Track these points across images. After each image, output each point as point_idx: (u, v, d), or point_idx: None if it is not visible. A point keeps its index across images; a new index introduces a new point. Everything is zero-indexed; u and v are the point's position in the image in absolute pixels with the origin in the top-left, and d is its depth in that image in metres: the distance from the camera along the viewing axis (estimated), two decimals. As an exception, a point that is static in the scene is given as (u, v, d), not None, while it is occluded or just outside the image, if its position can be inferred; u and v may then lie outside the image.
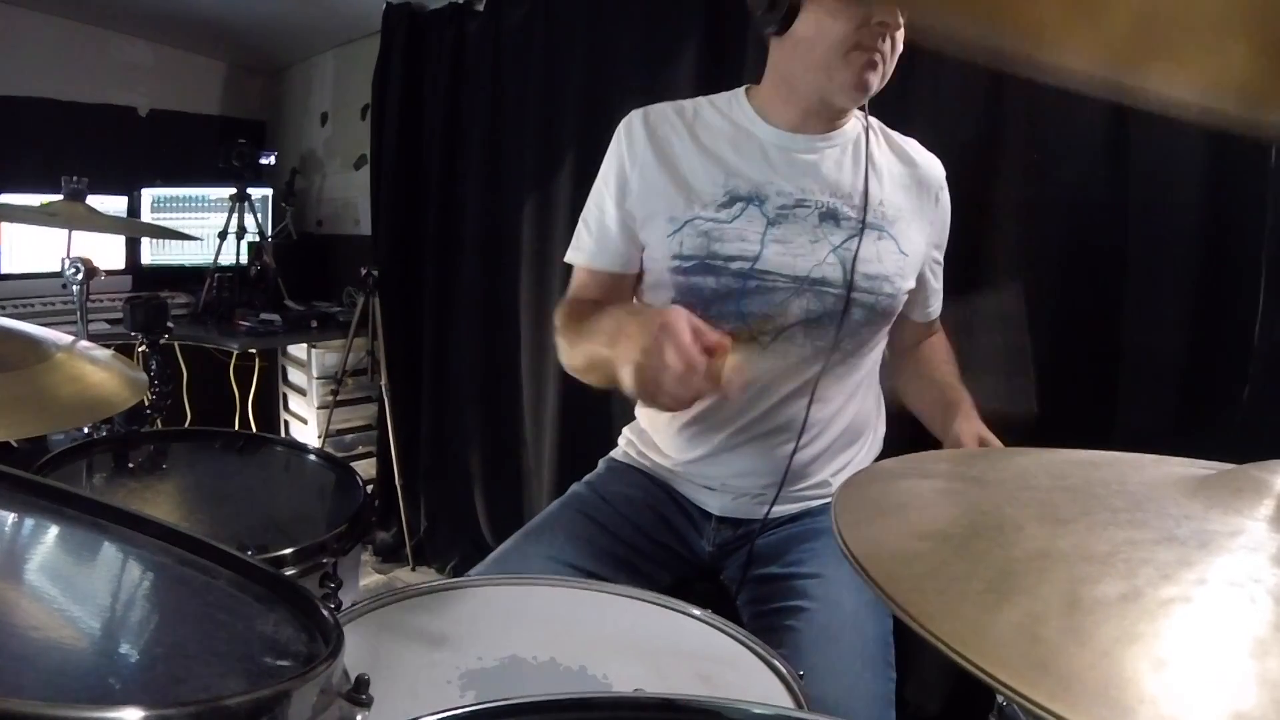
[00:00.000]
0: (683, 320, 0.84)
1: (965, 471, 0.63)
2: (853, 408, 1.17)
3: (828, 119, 1.10)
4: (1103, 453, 0.61)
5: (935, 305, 1.26)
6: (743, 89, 1.16)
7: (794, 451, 1.09)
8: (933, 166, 1.18)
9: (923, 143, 1.20)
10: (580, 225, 1.19)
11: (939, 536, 0.51)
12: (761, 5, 1.04)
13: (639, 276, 1.17)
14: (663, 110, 1.15)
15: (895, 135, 1.18)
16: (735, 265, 1.07)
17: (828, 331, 1.08)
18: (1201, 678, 0.36)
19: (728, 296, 1.08)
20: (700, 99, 1.17)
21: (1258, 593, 0.40)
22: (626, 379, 0.85)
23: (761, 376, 1.09)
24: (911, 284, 1.15)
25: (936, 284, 1.24)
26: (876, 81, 1.03)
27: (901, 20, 0.99)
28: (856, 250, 1.07)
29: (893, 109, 1.18)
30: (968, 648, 0.39)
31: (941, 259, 1.23)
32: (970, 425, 1.07)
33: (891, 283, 1.10)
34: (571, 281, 1.22)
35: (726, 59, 1.85)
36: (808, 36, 1.02)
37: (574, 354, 1.06)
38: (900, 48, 1.03)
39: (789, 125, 1.10)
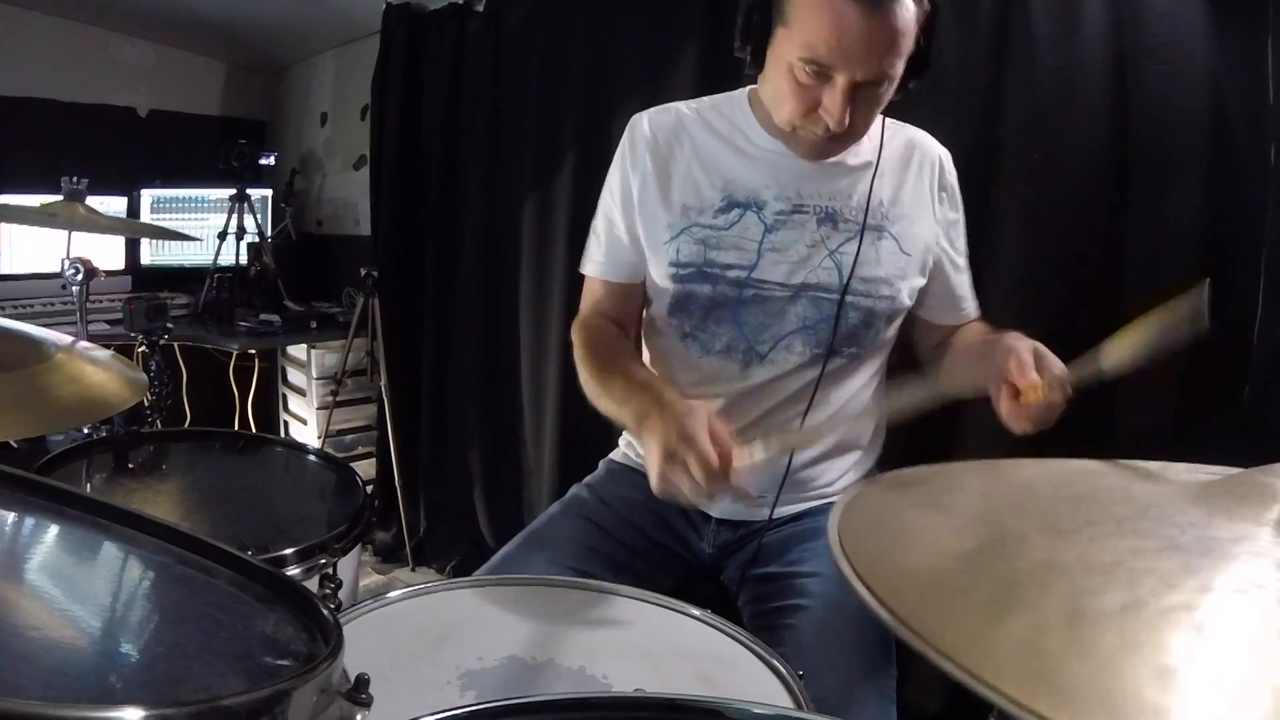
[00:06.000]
0: (703, 424, 0.84)
1: (967, 483, 0.63)
2: (853, 412, 1.15)
3: None
4: (1107, 461, 0.60)
5: (968, 307, 1.19)
6: (746, 90, 1.14)
7: (791, 458, 1.09)
8: (931, 150, 1.14)
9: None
10: (590, 236, 1.19)
11: (942, 551, 0.50)
12: (738, 44, 1.03)
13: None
14: (665, 112, 1.14)
15: (896, 123, 1.14)
16: (731, 274, 1.06)
17: (826, 337, 1.07)
18: (1205, 687, 0.36)
19: (724, 305, 1.08)
20: (704, 99, 1.16)
21: (1262, 600, 0.39)
22: (651, 471, 0.86)
23: (759, 383, 1.09)
24: (916, 282, 1.12)
25: (961, 280, 1.17)
26: (841, 146, 1.03)
27: (857, 124, 0.97)
28: (857, 254, 1.06)
29: (893, 109, 1.18)
30: (970, 662, 0.39)
31: (961, 258, 1.17)
32: (1013, 337, 0.97)
33: (890, 284, 1.09)
34: (584, 292, 1.21)
35: (726, 59, 1.83)
36: (767, 97, 1.02)
37: (597, 395, 1.06)
38: (882, 102, 0.99)
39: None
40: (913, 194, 1.12)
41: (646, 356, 1.20)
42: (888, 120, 1.14)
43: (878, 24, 0.89)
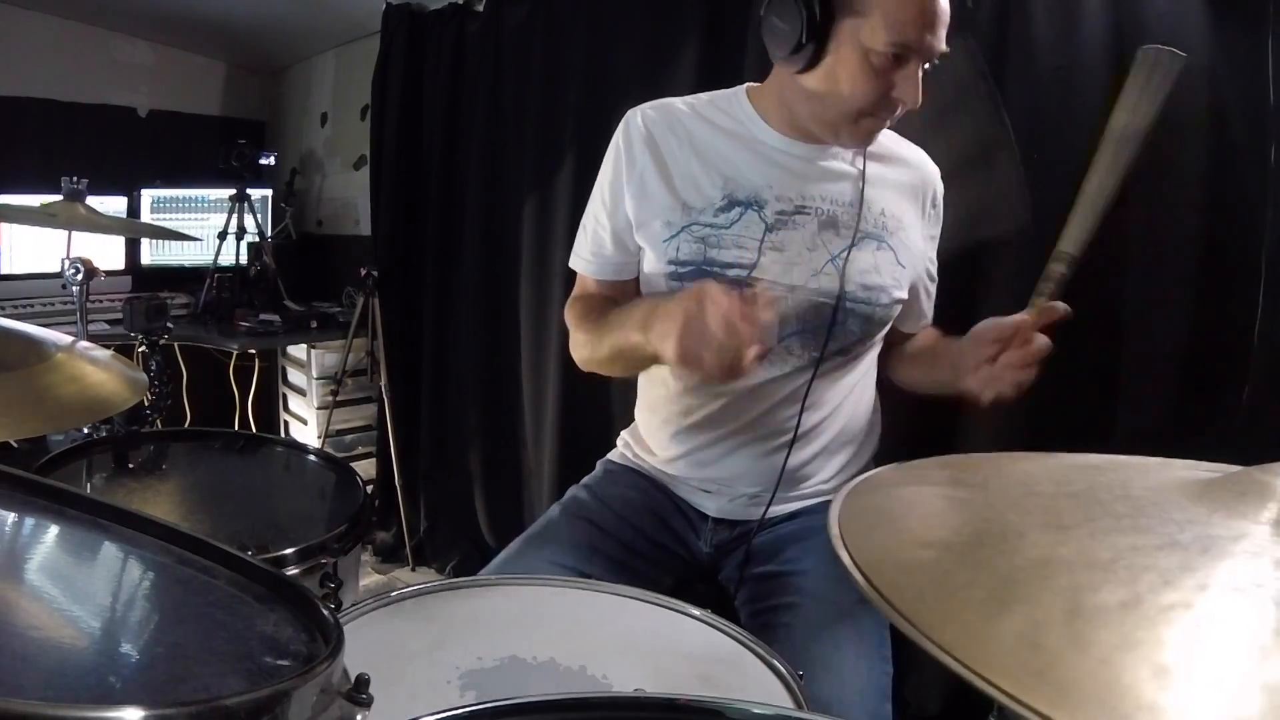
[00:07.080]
0: (717, 286, 0.87)
1: (968, 478, 0.63)
2: (848, 410, 1.16)
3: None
4: (1107, 456, 0.60)
5: (927, 319, 1.25)
6: (744, 88, 1.14)
7: (787, 456, 1.09)
8: (928, 170, 1.17)
9: (922, 142, 1.19)
10: (580, 230, 1.19)
11: (941, 545, 0.50)
12: (783, 48, 0.99)
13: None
14: (662, 108, 1.13)
15: (896, 138, 1.16)
16: (732, 273, 1.06)
17: (823, 340, 1.08)
18: (1203, 684, 0.36)
19: None
20: (701, 96, 1.15)
21: (1260, 598, 0.39)
22: (668, 352, 0.87)
23: (755, 383, 1.09)
24: (905, 295, 1.13)
25: (929, 299, 1.23)
26: (879, 137, 1.05)
27: (921, 99, 0.98)
28: (847, 258, 1.06)
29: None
30: (969, 656, 0.39)
31: (935, 272, 1.22)
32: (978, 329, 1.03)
33: (889, 293, 1.10)
34: (577, 283, 1.22)
35: (726, 59, 1.85)
36: (821, 93, 1.00)
37: (598, 345, 1.07)
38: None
39: (791, 131, 1.09)
40: (911, 210, 1.14)
41: None
42: (894, 135, 1.15)
43: None
